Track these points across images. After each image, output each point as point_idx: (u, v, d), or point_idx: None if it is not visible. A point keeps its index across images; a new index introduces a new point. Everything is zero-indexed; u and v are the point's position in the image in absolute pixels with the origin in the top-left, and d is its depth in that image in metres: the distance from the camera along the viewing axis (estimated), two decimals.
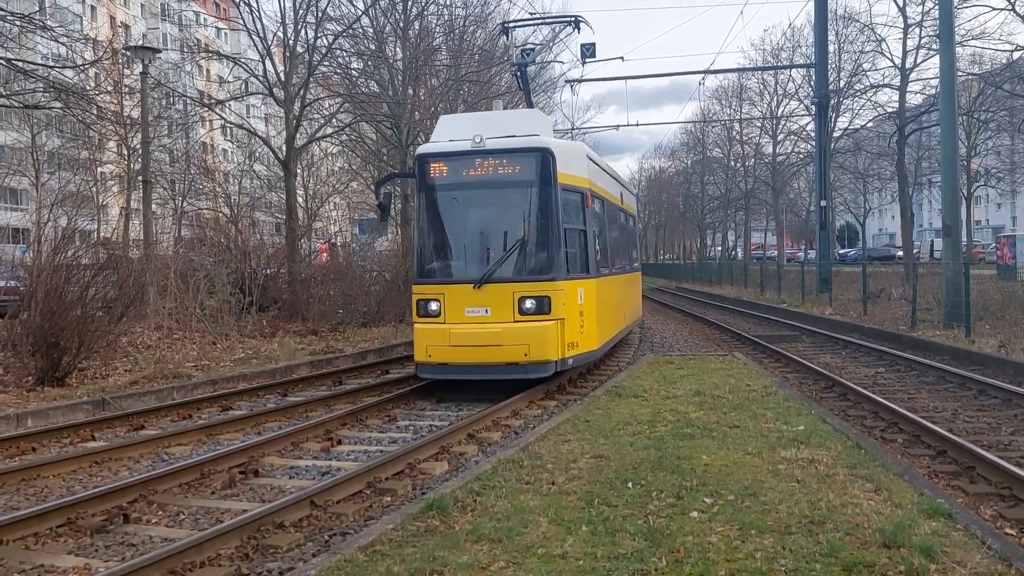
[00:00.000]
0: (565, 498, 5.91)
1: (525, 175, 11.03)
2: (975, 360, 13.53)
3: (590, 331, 11.61)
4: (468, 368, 10.77)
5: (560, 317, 10.69)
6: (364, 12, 23.72)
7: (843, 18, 35.08)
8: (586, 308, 11.45)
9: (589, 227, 11.90)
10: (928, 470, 7.50)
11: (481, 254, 11.23)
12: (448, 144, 11.36)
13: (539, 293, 10.62)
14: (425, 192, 11.48)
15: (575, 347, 11.10)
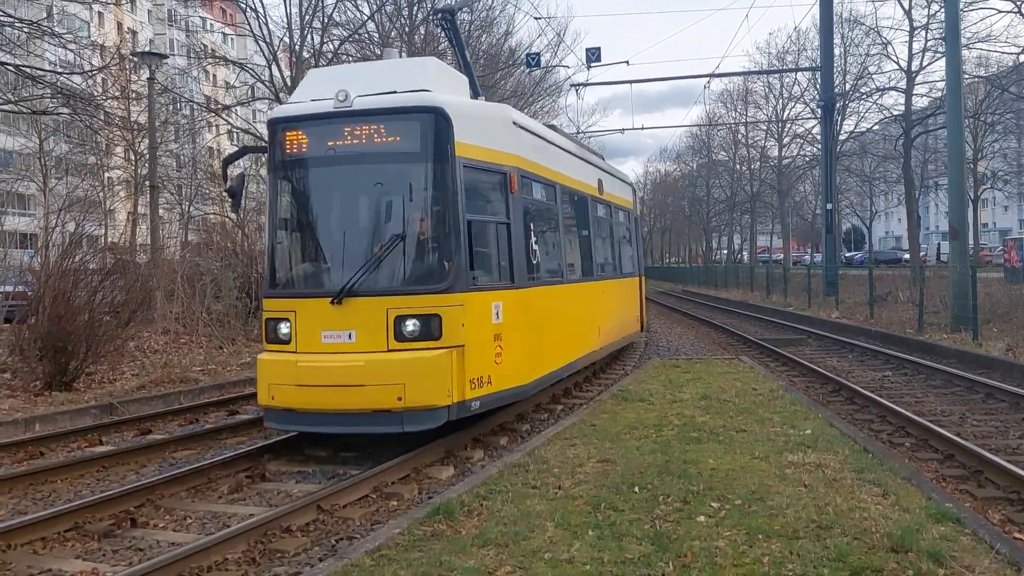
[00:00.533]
0: (572, 503, 5.90)
1: (407, 145, 8.00)
2: (983, 363, 13.48)
3: (513, 361, 8.44)
4: (322, 417, 7.59)
5: (457, 343, 7.61)
6: (370, 17, 23.82)
7: (848, 21, 35.04)
8: (507, 329, 8.34)
9: (517, 220, 8.70)
10: (936, 474, 7.48)
11: (348, 257, 8.09)
12: (308, 105, 8.18)
13: (425, 310, 7.58)
14: (275, 171, 8.41)
15: (484, 384, 7.97)
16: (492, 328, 8.17)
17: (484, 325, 8.06)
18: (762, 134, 51.98)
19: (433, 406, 7.44)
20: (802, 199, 58.14)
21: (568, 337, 10.77)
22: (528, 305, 8.97)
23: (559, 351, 10.22)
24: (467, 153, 8.03)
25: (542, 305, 9.51)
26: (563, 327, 10.49)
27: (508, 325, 8.39)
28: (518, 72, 31.28)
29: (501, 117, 9.11)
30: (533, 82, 33.19)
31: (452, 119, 7.89)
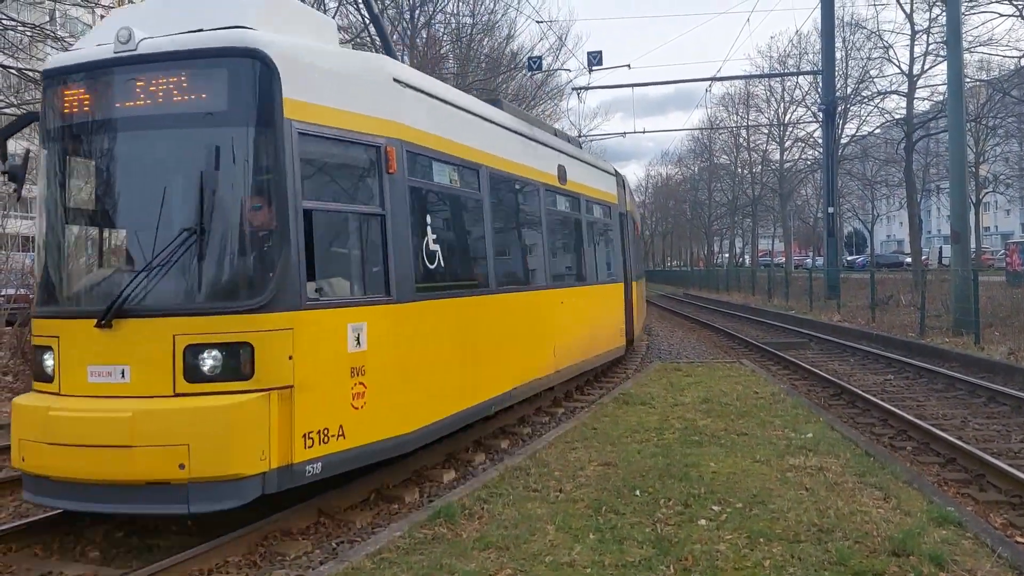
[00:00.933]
0: (573, 506, 5.90)
1: (211, 103, 5.67)
2: (984, 367, 13.46)
3: (386, 403, 6.21)
4: (82, 490, 5.30)
5: (280, 384, 5.40)
6: (371, 21, 23.84)
7: (850, 25, 35.07)
8: (376, 360, 6.13)
9: (399, 210, 6.45)
10: (937, 478, 7.47)
11: (125, 261, 6.03)
12: (86, 52, 5.98)
13: (230, 337, 5.36)
14: (44, 142, 6.20)
15: (331, 438, 5.74)
16: (348, 360, 5.88)
17: (332, 356, 5.79)
18: (763, 138, 51.99)
19: (235, 476, 5.15)
20: (804, 203, 58.09)
21: (496, 362, 8.31)
22: (417, 326, 6.63)
23: (478, 382, 7.80)
24: (307, 116, 5.75)
25: (445, 324, 7.17)
26: (486, 350, 8.08)
27: (378, 354, 6.11)
28: (520, 76, 31.32)
29: (371, 70, 6.59)
30: (535, 86, 33.25)
31: (279, 67, 5.57)
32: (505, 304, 8.80)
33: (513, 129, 9.54)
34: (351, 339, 5.96)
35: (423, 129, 7.07)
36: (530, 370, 9.39)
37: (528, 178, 9.87)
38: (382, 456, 6.32)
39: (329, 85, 6.08)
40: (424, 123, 7.10)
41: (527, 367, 9.30)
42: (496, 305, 8.53)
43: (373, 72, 6.65)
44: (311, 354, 5.61)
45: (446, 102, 7.73)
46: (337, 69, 6.27)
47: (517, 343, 9.07)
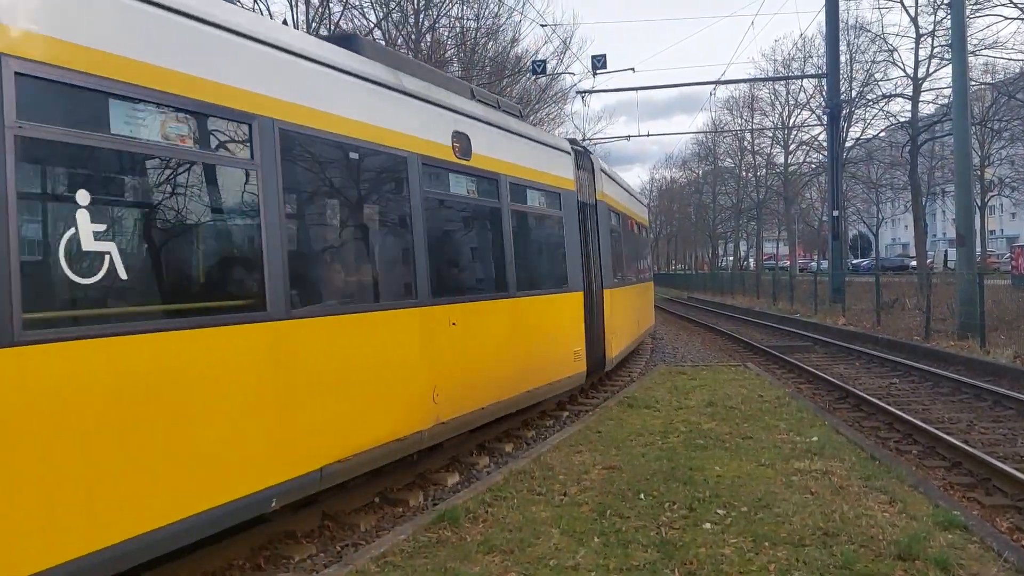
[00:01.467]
0: (577, 509, 5.89)
1: None
2: (990, 371, 13.42)
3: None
4: None
5: None
6: (376, 25, 23.90)
7: (854, 28, 35.07)
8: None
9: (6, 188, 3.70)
10: (943, 482, 7.45)
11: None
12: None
13: None
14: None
15: None
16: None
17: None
18: (768, 141, 51.99)
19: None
20: (808, 206, 58.07)
21: (241, 431, 4.93)
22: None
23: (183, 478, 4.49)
24: None
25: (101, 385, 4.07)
26: (234, 415, 4.87)
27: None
28: (524, 79, 31.36)
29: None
30: (539, 89, 33.28)
31: None
32: (312, 336, 5.59)
33: (343, 69, 6.28)
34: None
35: (83, 42, 4.15)
36: (370, 431, 6.16)
37: (382, 146, 6.71)
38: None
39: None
40: (89, 35, 4.20)
41: (366, 428, 6.09)
42: (291, 341, 5.37)
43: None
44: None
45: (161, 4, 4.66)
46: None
47: (345, 393, 5.88)
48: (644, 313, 18.44)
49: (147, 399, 4.29)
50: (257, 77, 5.32)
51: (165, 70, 4.59)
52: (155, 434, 4.32)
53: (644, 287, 18.99)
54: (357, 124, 6.36)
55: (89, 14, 4.22)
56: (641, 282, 18.30)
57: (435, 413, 7.00)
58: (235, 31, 5.18)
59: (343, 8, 23.00)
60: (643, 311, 18.23)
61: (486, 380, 8.10)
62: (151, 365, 4.33)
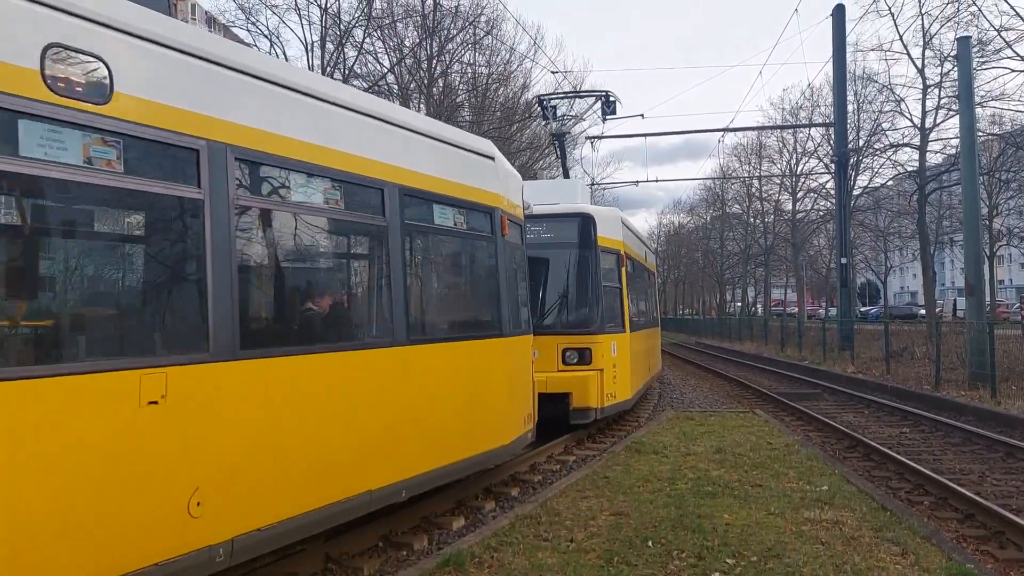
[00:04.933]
0: (584, 556, 5.82)
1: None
2: (1001, 421, 13.28)
3: None
4: None
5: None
6: (390, 70, 24.34)
7: (862, 78, 35.37)
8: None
9: None
10: (956, 534, 7.33)
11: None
12: None
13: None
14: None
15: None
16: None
17: None
18: (776, 188, 52.21)
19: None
20: (816, 253, 58.06)
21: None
22: None
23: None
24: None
25: None
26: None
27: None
28: (534, 124, 31.73)
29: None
30: (549, 135, 33.62)
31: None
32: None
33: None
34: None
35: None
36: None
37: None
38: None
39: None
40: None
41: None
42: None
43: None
44: None
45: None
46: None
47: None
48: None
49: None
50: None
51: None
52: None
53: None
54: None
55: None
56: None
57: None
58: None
59: (357, 53, 23.43)
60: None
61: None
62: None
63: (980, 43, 22.77)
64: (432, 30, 24.53)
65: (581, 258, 11.85)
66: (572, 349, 11.35)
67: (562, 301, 11.80)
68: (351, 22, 23.05)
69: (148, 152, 4.46)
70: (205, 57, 4.84)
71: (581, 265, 11.86)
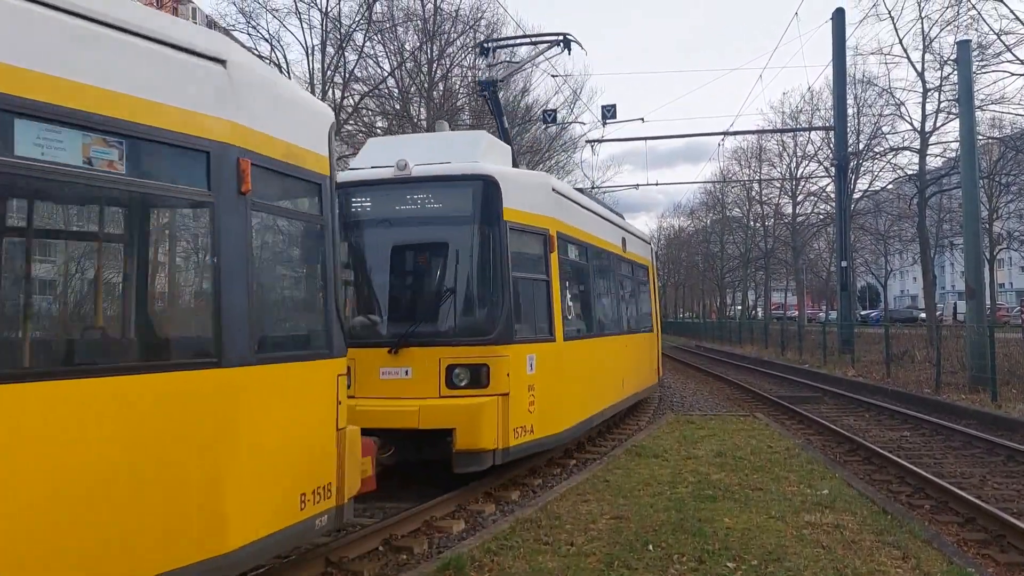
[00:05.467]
0: (584, 560, 5.81)
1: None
2: (1002, 425, 13.27)
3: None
4: None
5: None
6: (390, 73, 24.37)
7: (862, 82, 35.37)
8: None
9: None
10: (957, 537, 7.32)
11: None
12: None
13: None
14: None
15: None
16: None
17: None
18: (776, 191, 52.22)
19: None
20: (816, 256, 58.05)
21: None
22: None
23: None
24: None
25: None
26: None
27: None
28: (534, 128, 31.76)
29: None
30: (549, 138, 33.67)
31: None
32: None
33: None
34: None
35: None
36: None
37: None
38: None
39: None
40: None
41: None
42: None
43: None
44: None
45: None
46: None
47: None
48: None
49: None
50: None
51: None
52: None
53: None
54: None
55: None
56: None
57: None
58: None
59: (358, 57, 23.45)
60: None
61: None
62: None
63: (980, 47, 22.78)
64: (432, 34, 24.56)
65: (478, 238, 8.42)
66: (461, 366, 7.99)
67: (450, 298, 8.36)
68: (351, 26, 23.11)
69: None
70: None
71: (478, 248, 8.40)
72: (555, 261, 9.16)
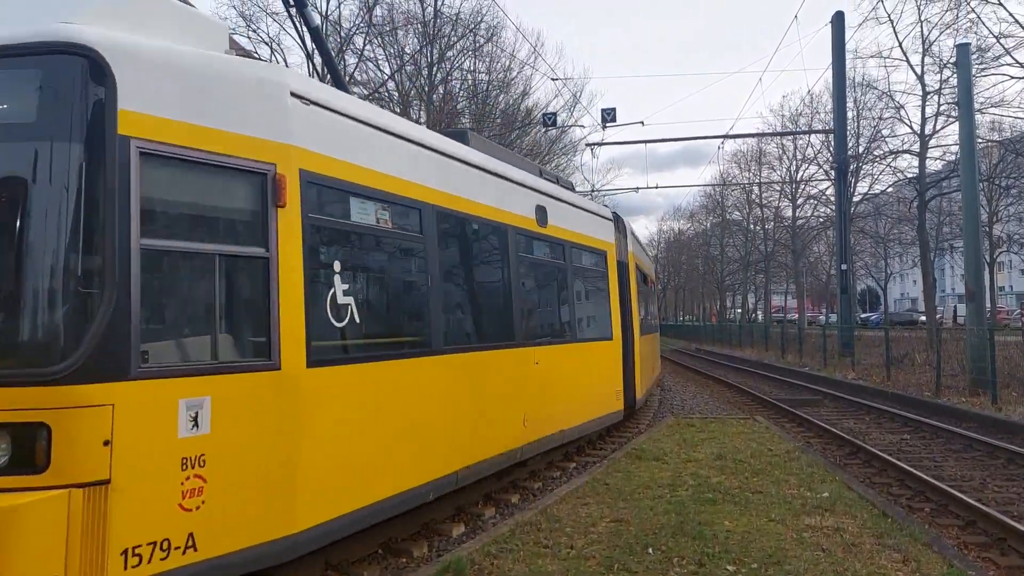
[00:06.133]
0: (584, 563, 5.80)
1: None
2: (1002, 428, 13.26)
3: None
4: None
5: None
6: (390, 76, 24.38)
7: (861, 85, 35.44)
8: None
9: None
10: (957, 540, 7.31)
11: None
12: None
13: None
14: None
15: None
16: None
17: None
18: (776, 194, 52.26)
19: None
20: (816, 259, 58.13)
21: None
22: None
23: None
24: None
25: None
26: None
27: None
28: (534, 131, 31.79)
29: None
30: (549, 141, 33.70)
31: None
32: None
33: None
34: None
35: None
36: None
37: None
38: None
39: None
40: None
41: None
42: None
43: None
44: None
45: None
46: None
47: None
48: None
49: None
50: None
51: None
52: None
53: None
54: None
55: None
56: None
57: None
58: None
59: (358, 60, 23.48)
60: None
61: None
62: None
63: (979, 50, 22.83)
64: (432, 37, 24.59)
65: (51, 171, 4.20)
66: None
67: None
68: (352, 29, 23.14)
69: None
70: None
71: (49, 191, 4.17)
72: (291, 221, 5.10)
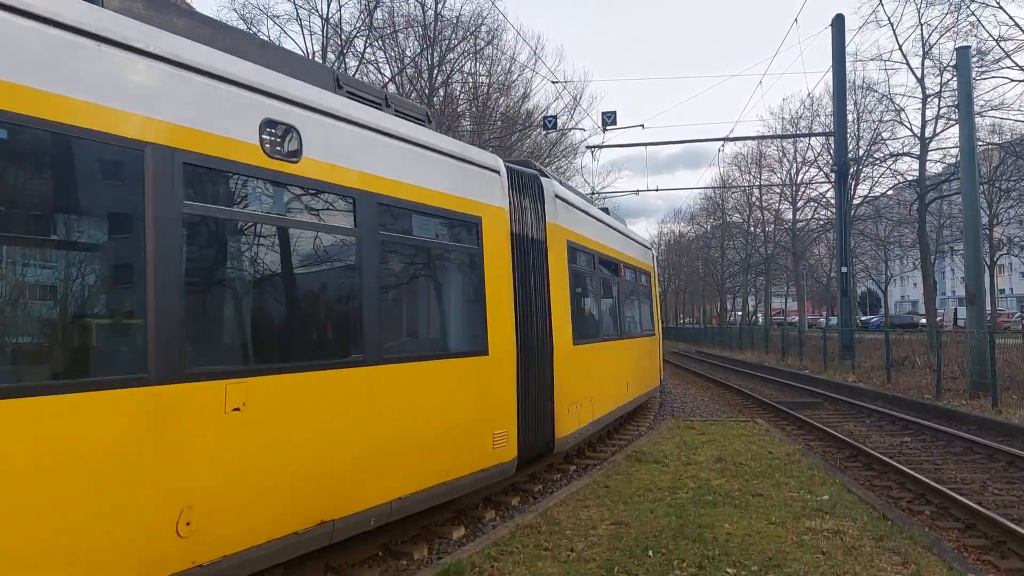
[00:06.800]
0: (584, 565, 5.80)
1: None
2: (1003, 431, 13.26)
3: None
4: None
5: None
6: (391, 79, 24.40)
7: (861, 88, 35.47)
8: None
9: None
10: (957, 543, 7.31)
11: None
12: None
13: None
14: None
15: None
16: None
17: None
18: (776, 197, 52.26)
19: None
20: (817, 262, 58.10)
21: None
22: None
23: None
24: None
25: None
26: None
27: None
28: (535, 134, 31.81)
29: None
30: (549, 144, 33.72)
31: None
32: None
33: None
34: None
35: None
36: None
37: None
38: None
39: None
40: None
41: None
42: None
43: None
44: None
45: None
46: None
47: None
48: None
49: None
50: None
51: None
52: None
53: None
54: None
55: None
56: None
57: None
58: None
59: (358, 63, 23.50)
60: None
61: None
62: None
63: (979, 53, 22.82)
64: (433, 40, 24.62)
65: None
66: None
67: None
68: (352, 32, 23.17)
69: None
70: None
71: None
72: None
